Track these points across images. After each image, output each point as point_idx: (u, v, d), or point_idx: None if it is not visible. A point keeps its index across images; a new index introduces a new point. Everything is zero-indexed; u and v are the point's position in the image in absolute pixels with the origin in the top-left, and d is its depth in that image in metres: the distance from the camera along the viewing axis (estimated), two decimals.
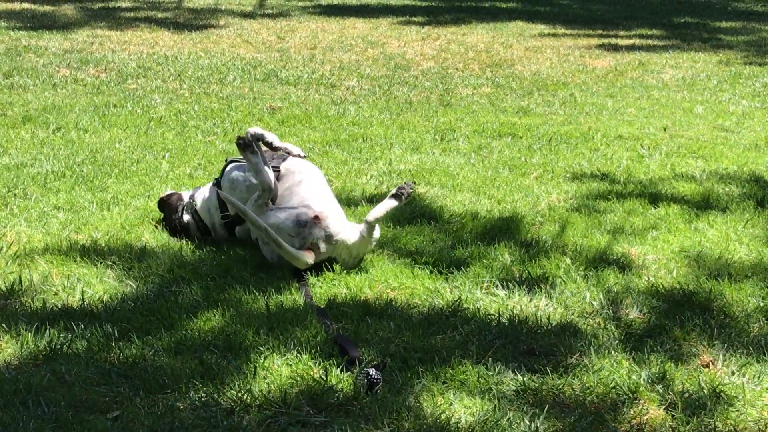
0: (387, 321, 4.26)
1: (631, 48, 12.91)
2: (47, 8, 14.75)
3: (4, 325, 4.10)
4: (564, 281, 4.76)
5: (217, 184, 5.25)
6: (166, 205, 5.40)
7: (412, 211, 5.74)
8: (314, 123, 8.19)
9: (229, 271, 4.77)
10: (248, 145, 4.99)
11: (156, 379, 3.69)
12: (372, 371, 3.68)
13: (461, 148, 7.43)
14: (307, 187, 5.03)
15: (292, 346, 3.98)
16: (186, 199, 5.36)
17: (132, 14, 14.62)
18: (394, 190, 4.92)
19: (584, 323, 4.34)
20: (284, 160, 5.20)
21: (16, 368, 3.77)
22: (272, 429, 3.43)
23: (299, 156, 5.24)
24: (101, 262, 4.83)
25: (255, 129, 5.11)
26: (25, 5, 14.92)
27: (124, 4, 15.60)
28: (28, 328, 4.07)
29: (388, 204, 4.90)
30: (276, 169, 5.10)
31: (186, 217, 5.29)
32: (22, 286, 4.52)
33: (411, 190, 4.94)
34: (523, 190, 6.30)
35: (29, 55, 10.95)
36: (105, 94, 9.13)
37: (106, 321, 4.15)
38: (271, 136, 5.18)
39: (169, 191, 5.56)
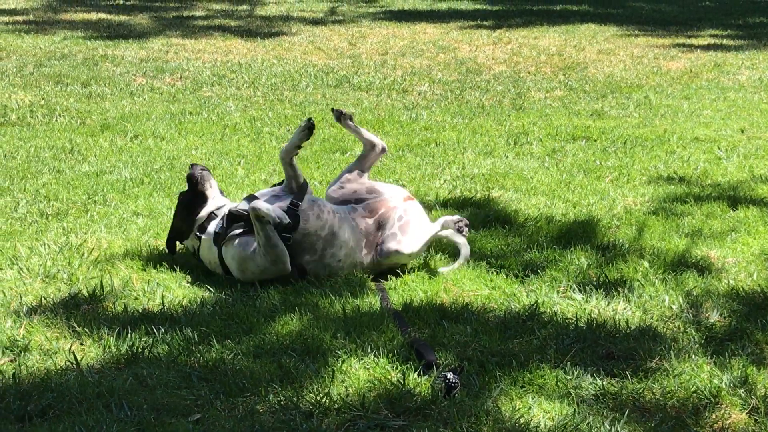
0: (463, 325, 4.26)
1: (705, 49, 12.75)
2: (122, 18, 14.98)
3: (86, 330, 4.17)
4: (642, 285, 4.71)
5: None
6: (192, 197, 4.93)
7: (487, 215, 5.73)
8: (387, 128, 8.21)
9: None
10: None
11: (236, 382, 3.72)
12: (450, 375, 3.68)
13: (535, 152, 7.40)
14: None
15: (369, 350, 3.99)
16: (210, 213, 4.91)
17: (205, 23, 14.79)
18: None
19: (663, 327, 4.29)
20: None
21: (99, 372, 3.83)
22: None
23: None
24: (180, 268, 4.89)
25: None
26: (101, 15, 15.17)
27: (197, 13, 15.78)
28: (110, 333, 4.13)
29: None
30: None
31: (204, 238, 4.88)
32: (103, 291, 4.59)
33: None
34: (599, 194, 6.25)
35: (106, 64, 11.13)
36: (181, 101, 9.24)
37: (186, 325, 4.20)
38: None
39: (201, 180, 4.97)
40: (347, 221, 4.80)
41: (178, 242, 5.02)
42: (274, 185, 5.03)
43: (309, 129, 4.81)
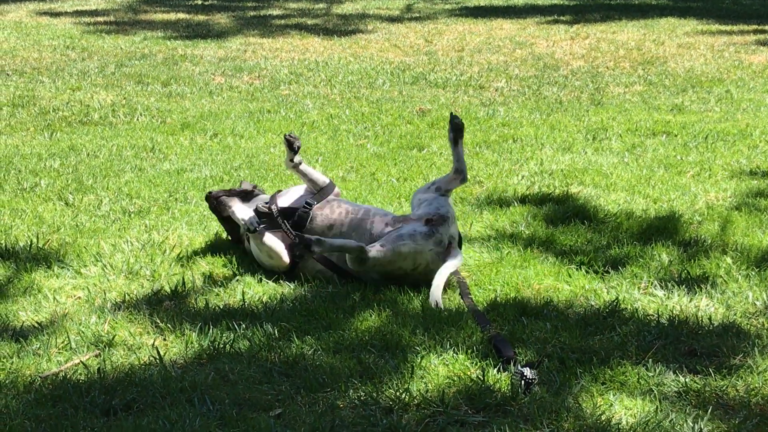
0: (543, 321, 4.23)
1: None
2: (201, 18, 15.15)
3: (169, 325, 4.22)
4: (725, 281, 4.64)
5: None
6: None
7: (566, 211, 5.69)
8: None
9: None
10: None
11: (316, 377, 3.74)
12: (527, 371, 3.66)
13: (614, 148, 7.33)
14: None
15: (448, 346, 3.99)
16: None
17: (283, 22, 14.90)
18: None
19: (747, 323, 4.23)
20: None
21: (182, 367, 3.88)
22: (431, 428, 3.45)
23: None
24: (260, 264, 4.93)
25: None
26: (181, 15, 15.36)
27: (275, 12, 15.91)
28: (192, 328, 4.19)
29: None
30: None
31: None
32: (185, 287, 4.65)
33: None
34: (680, 189, 6.18)
35: (185, 63, 11.26)
36: (259, 100, 9.32)
37: (267, 321, 4.23)
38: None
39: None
40: (362, 223, 4.80)
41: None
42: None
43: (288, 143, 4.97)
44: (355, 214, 4.84)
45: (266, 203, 4.94)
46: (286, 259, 4.79)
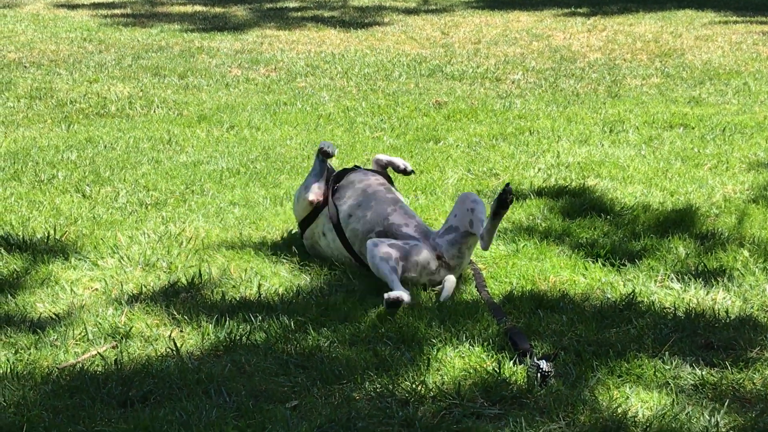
0: (559, 314, 4.23)
1: None
2: (218, 10, 15.16)
3: (186, 317, 4.24)
4: (742, 274, 4.63)
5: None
6: None
7: (582, 204, 5.68)
8: (480, 117, 8.18)
9: None
10: None
11: (332, 369, 3.75)
12: (543, 363, 3.66)
13: (631, 140, 7.31)
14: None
15: (464, 339, 3.99)
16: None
17: (299, 14, 14.90)
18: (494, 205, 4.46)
19: (764, 316, 4.22)
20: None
21: (198, 359, 3.90)
22: (447, 421, 3.45)
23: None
24: (276, 257, 4.94)
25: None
26: (197, 8, 15.37)
27: (291, 4, 15.90)
28: (208, 320, 4.20)
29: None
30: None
31: None
32: (201, 279, 4.66)
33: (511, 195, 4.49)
34: (697, 182, 6.16)
35: (202, 56, 11.28)
36: (275, 92, 9.33)
37: (283, 313, 4.24)
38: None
39: None
40: (383, 204, 4.80)
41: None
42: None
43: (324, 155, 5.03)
44: (377, 187, 4.92)
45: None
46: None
